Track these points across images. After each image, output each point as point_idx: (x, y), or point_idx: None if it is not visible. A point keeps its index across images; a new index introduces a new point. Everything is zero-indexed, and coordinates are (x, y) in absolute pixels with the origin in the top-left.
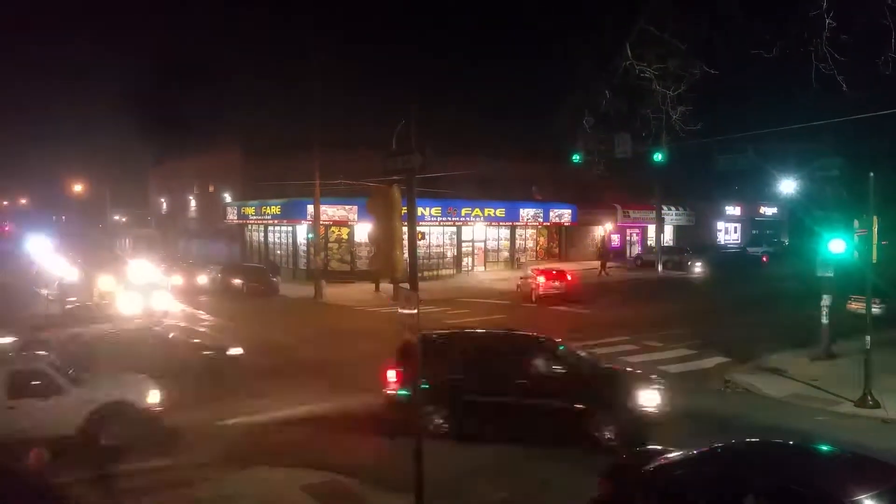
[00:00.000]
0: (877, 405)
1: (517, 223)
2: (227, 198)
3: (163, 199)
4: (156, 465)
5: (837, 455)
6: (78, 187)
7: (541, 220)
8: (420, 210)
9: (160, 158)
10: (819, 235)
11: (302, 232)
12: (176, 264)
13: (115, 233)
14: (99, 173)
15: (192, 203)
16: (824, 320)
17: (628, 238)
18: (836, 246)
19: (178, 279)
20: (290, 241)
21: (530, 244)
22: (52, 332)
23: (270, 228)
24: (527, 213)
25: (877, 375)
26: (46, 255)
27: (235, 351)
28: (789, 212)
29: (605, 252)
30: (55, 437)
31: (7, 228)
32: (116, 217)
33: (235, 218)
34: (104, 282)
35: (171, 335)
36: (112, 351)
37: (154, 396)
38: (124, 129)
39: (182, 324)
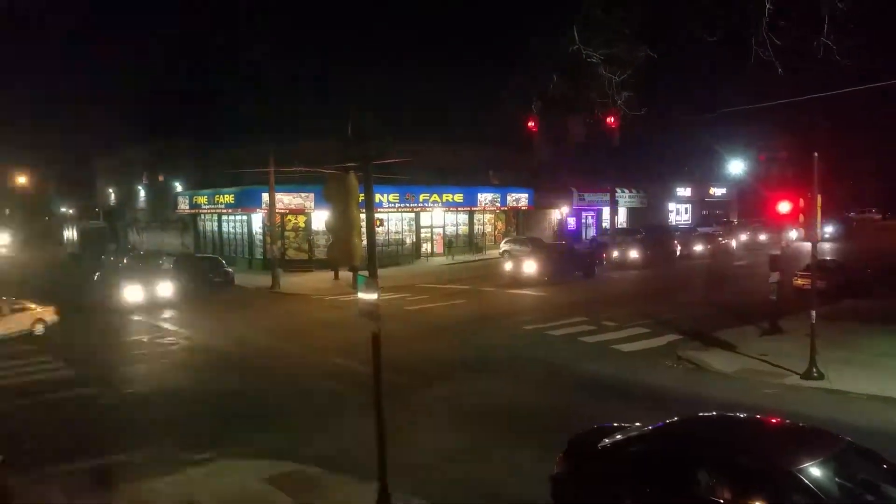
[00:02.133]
0: (821, 377)
1: (475, 208)
2: (178, 187)
3: (111, 190)
4: (116, 460)
5: (784, 426)
6: (22, 179)
7: (498, 204)
8: (378, 196)
9: (108, 148)
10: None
11: (257, 221)
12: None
13: (61, 225)
14: (44, 164)
15: (142, 193)
16: (773, 297)
17: (584, 221)
18: (783, 207)
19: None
20: (246, 230)
21: (489, 229)
22: None
23: (224, 218)
24: (484, 197)
25: (821, 349)
26: None
27: None
28: (738, 192)
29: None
30: None
31: None
32: (63, 209)
33: (187, 207)
34: None
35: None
36: None
37: None
38: (69, 116)
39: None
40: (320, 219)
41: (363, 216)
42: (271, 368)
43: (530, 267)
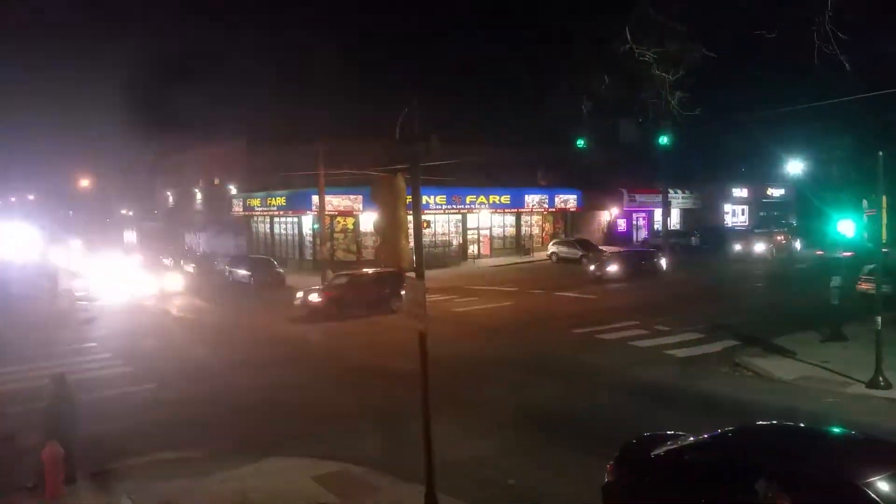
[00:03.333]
0: (888, 386)
1: (522, 210)
2: (233, 190)
3: (169, 193)
4: (167, 457)
5: (849, 437)
6: (85, 182)
7: (546, 206)
8: (425, 198)
9: (166, 152)
10: (827, 216)
11: (307, 222)
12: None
13: (121, 226)
14: (106, 168)
15: (198, 196)
16: (834, 301)
17: (634, 222)
18: (845, 227)
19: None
20: (296, 231)
21: (536, 230)
22: None
23: (276, 219)
24: (532, 199)
25: (887, 356)
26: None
27: None
28: (797, 193)
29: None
30: None
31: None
32: (123, 211)
33: (241, 210)
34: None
35: None
36: None
37: None
38: (130, 122)
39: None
40: (368, 220)
41: (410, 218)
42: (320, 368)
43: (611, 268)
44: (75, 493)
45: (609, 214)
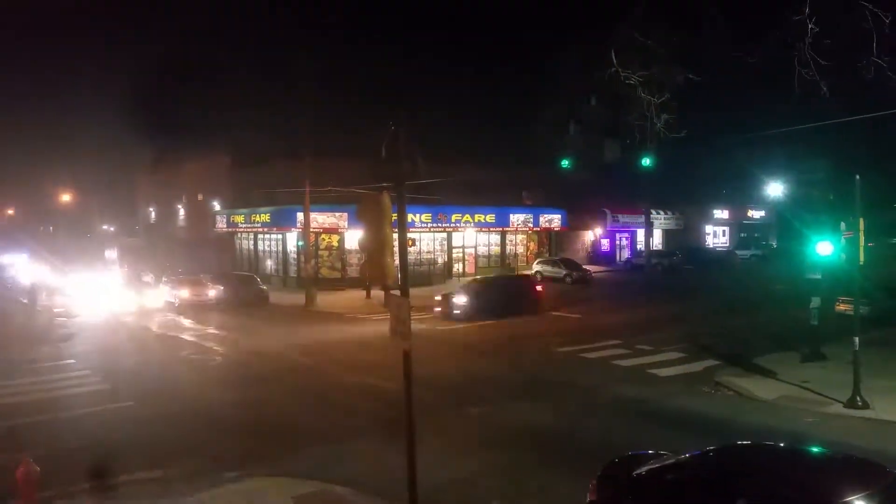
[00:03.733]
0: (866, 406)
1: (507, 228)
2: (217, 206)
3: (151, 209)
4: (145, 477)
5: (828, 456)
6: (66, 197)
7: (531, 225)
8: (410, 216)
9: (148, 167)
10: (807, 238)
11: (292, 239)
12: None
13: (102, 242)
14: (87, 183)
15: (181, 212)
16: (813, 322)
17: (618, 242)
18: (824, 248)
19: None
20: (281, 248)
21: (521, 249)
22: None
23: (260, 236)
24: (517, 218)
25: (866, 376)
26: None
27: None
28: (777, 214)
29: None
30: None
31: None
32: (105, 226)
33: (225, 226)
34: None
35: None
36: None
37: None
38: (112, 137)
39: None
40: (353, 238)
41: (396, 236)
42: (303, 386)
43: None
44: None
45: (593, 234)
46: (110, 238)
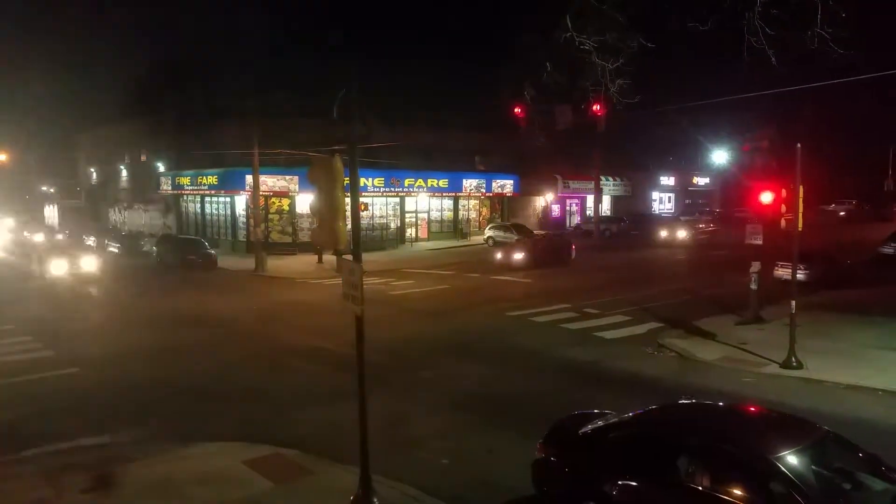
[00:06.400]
0: (800, 366)
1: (460, 194)
2: (161, 167)
3: (92, 169)
4: (92, 443)
5: (762, 414)
6: (1, 156)
7: (483, 190)
8: (363, 180)
9: (89, 124)
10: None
11: (241, 203)
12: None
13: (42, 204)
14: (25, 142)
15: (124, 173)
16: (753, 286)
17: (568, 208)
18: (765, 197)
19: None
20: (229, 212)
21: (473, 215)
22: None
23: (207, 199)
24: (470, 183)
25: (801, 338)
26: None
27: None
28: (722, 181)
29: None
30: None
31: None
32: (44, 188)
33: (170, 188)
34: None
35: None
36: None
37: None
38: (51, 94)
39: None
40: (305, 202)
41: (348, 200)
42: (253, 351)
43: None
44: None
45: (544, 200)
46: (51, 199)
